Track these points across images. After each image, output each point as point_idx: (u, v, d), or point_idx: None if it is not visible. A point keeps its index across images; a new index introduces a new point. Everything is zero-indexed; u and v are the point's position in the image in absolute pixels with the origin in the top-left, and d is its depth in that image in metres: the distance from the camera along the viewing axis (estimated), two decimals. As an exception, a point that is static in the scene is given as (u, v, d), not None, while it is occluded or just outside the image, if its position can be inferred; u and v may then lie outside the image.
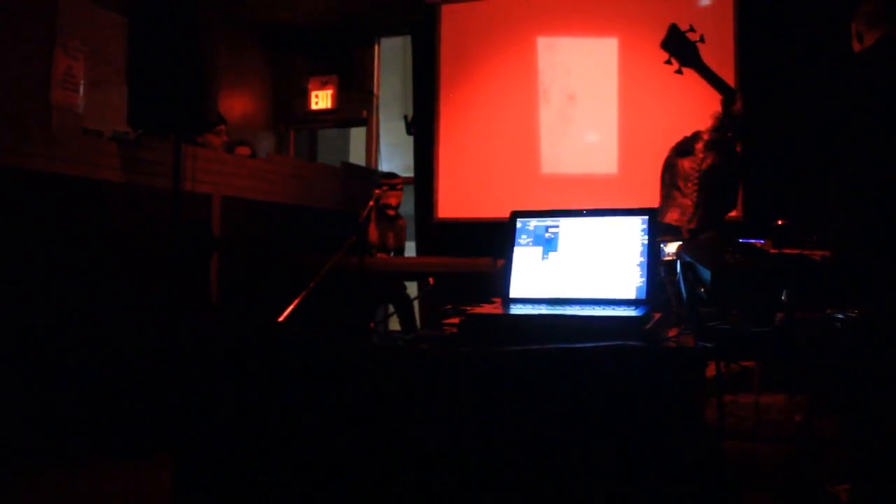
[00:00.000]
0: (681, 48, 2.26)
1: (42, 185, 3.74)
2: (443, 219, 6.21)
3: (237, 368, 1.24)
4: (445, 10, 6.28)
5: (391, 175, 5.91)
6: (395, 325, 7.09)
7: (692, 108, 5.51)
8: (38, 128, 3.97)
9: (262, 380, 1.22)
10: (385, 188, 5.67)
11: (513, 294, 2.08)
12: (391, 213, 5.73)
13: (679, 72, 2.29)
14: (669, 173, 3.31)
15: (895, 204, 2.19)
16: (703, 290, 1.88)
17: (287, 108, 7.85)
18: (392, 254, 5.75)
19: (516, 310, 1.96)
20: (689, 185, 3.16)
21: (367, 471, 1.13)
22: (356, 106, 7.58)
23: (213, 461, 1.19)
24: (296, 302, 4.17)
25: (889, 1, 2.33)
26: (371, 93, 7.55)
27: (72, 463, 3.49)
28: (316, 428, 1.16)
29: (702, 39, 2.27)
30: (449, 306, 2.16)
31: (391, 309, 5.88)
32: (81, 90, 5.23)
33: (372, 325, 5.50)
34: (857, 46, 2.42)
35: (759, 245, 2.98)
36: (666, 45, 2.27)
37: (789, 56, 5.14)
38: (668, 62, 2.28)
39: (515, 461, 1.09)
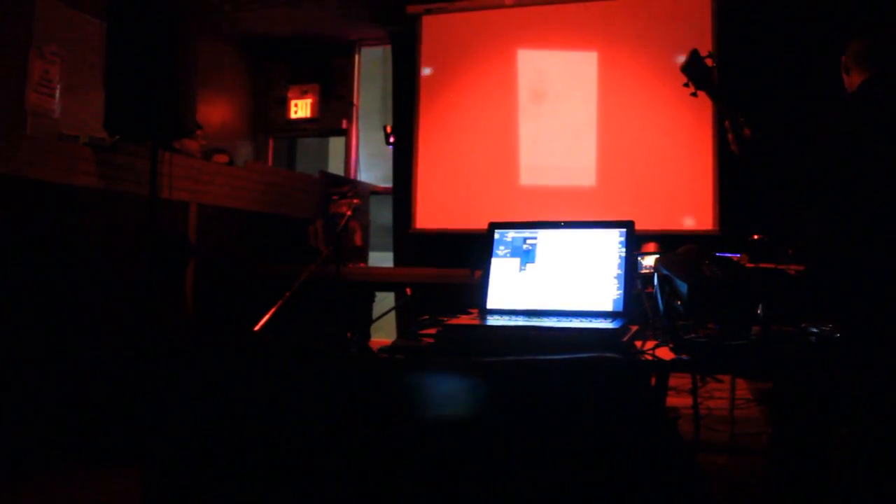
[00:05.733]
0: (698, 73, 2.36)
1: (16, 190, 3.68)
2: (421, 229, 6.20)
3: (210, 377, 1.22)
4: (426, 20, 6.28)
5: (340, 182, 5.74)
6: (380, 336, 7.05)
7: (670, 121, 5.57)
8: (12, 132, 3.91)
9: (234, 389, 1.20)
10: (336, 198, 5.55)
11: (490, 305, 2.08)
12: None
13: (694, 94, 2.38)
14: None
15: (869, 218, 2.21)
16: (679, 302, 1.89)
17: (266, 117, 7.81)
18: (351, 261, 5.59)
19: (493, 321, 1.95)
20: None
21: (339, 481, 1.12)
22: (336, 115, 7.57)
23: (182, 471, 1.17)
24: (272, 311, 4.14)
25: (878, 41, 2.39)
26: (351, 102, 7.54)
27: (41, 469, 3.43)
28: (288, 437, 1.15)
29: (716, 64, 2.37)
30: (426, 317, 2.16)
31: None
32: (57, 94, 5.17)
33: (349, 334, 5.45)
34: (845, 79, 2.49)
35: (735, 259, 3.01)
36: (685, 69, 2.37)
37: (766, 75, 5.21)
38: (686, 85, 2.38)
39: (488, 472, 1.08)
